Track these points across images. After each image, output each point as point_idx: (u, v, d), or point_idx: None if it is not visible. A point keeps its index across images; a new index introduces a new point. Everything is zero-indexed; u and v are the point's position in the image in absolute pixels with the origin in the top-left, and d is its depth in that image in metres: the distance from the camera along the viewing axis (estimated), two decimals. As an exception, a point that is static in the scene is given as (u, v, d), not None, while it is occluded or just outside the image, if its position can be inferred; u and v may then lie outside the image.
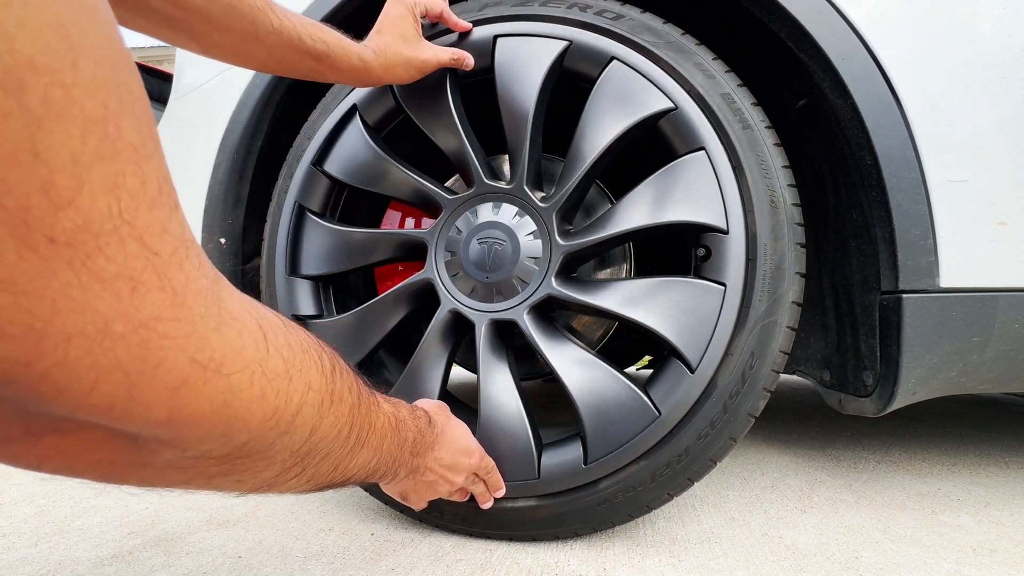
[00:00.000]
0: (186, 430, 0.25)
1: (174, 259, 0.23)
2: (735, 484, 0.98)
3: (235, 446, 0.28)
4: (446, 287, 0.74)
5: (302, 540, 0.73)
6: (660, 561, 0.66)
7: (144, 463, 0.27)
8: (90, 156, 0.19)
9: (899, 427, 1.49)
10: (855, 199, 0.75)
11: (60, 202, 0.19)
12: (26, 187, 0.18)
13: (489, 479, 0.67)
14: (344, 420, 0.38)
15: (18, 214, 0.18)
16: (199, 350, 0.25)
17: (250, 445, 0.29)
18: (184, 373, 0.24)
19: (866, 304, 0.76)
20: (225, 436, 0.27)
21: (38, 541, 0.74)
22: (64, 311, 0.20)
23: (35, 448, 0.24)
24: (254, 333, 0.29)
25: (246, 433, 0.28)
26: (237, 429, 0.28)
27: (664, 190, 0.68)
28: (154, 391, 0.23)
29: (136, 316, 0.22)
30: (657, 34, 0.70)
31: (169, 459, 0.27)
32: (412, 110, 0.79)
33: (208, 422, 0.26)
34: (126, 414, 0.23)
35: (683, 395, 0.64)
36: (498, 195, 0.74)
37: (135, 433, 0.25)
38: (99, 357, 0.21)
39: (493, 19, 0.76)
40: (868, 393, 0.76)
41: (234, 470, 0.31)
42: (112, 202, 0.20)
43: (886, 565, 0.66)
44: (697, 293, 0.65)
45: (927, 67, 0.67)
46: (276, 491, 0.37)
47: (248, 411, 0.28)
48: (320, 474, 0.38)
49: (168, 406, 0.24)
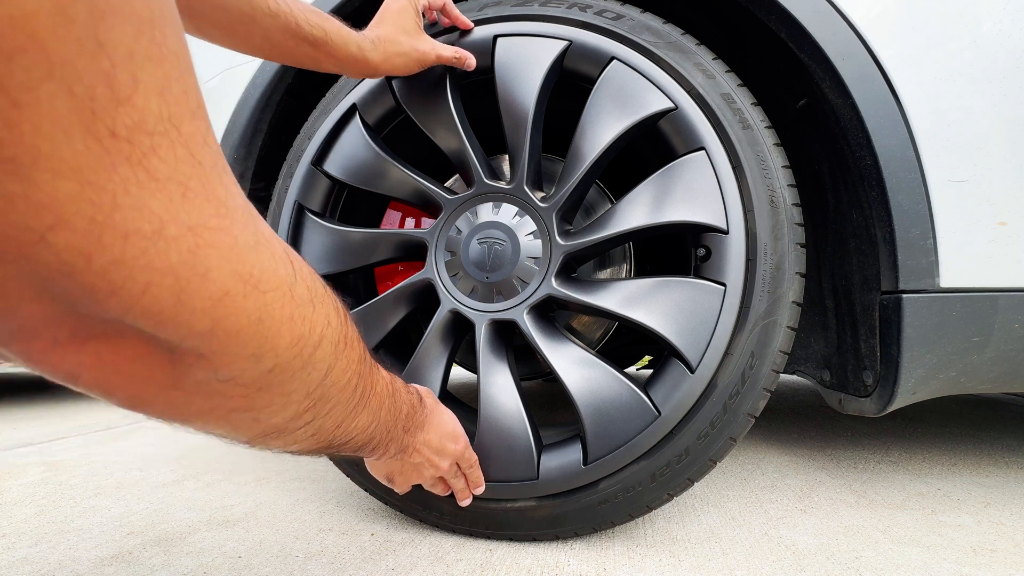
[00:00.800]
0: (224, 343, 0.26)
1: (214, 172, 0.24)
2: (735, 484, 0.98)
3: (262, 371, 0.29)
4: (446, 287, 0.74)
5: (302, 540, 0.73)
6: (660, 561, 0.66)
7: (175, 384, 0.27)
8: (142, 55, 0.20)
9: (899, 427, 1.49)
10: (855, 199, 0.75)
11: (120, 97, 0.19)
12: (93, 76, 0.18)
13: (470, 474, 0.67)
14: (353, 369, 0.38)
15: (86, 102, 0.19)
16: (240, 263, 0.26)
17: (274, 374, 0.30)
18: (227, 284, 0.25)
19: (866, 304, 0.76)
20: (255, 358, 0.28)
21: (38, 541, 0.74)
22: (123, 207, 0.21)
23: (78, 354, 0.24)
24: (283, 257, 0.30)
25: (274, 356, 0.29)
26: (267, 350, 0.29)
27: (664, 190, 0.68)
28: (200, 299, 0.24)
29: (186, 220, 0.23)
30: (657, 34, 0.70)
31: (200, 379, 0.28)
32: (412, 110, 0.79)
33: (244, 338, 0.27)
34: (173, 320, 0.24)
35: (683, 395, 0.64)
36: (498, 195, 0.74)
37: (175, 345, 0.25)
38: (153, 258, 0.22)
39: (493, 19, 0.76)
40: (868, 393, 0.76)
41: (254, 405, 0.31)
42: (162, 105, 0.21)
43: (886, 565, 0.66)
44: (697, 293, 0.65)
45: (927, 67, 0.67)
46: (283, 443, 0.37)
47: (278, 332, 0.29)
48: (325, 429, 0.39)
49: (212, 316, 0.25)
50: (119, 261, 0.21)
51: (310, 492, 0.94)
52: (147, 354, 0.26)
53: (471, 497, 0.68)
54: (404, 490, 0.66)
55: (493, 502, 0.70)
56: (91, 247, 0.20)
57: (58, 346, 0.24)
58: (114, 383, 0.26)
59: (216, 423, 0.32)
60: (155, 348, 0.26)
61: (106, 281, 0.21)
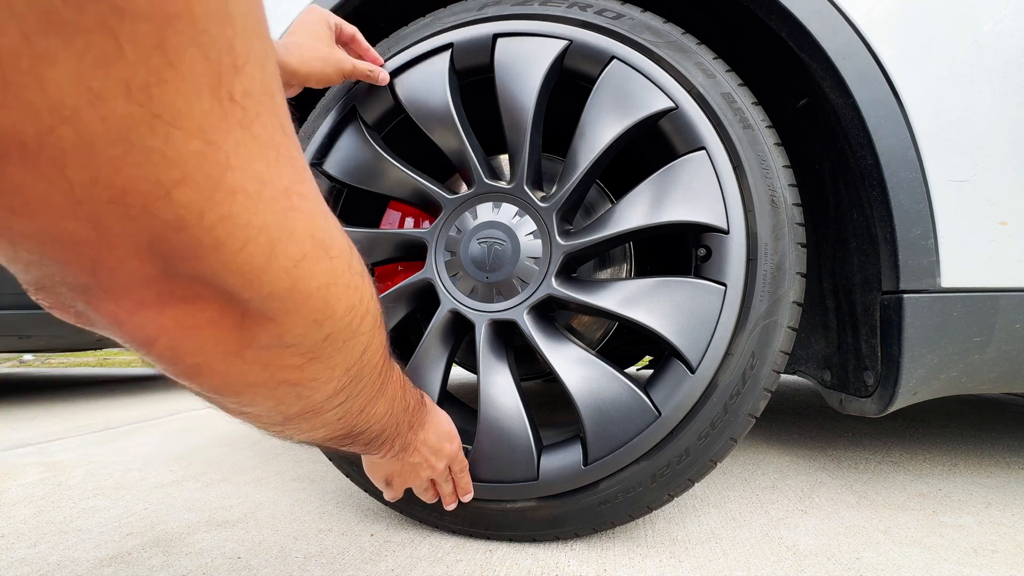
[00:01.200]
0: (297, 305, 0.28)
1: (295, 142, 0.27)
2: (736, 485, 0.98)
3: (319, 338, 0.31)
4: (446, 287, 0.74)
5: (302, 541, 0.73)
6: (660, 562, 0.66)
7: (240, 350, 0.28)
8: (251, 30, 0.22)
9: (900, 427, 1.48)
10: (856, 199, 0.75)
11: (237, 64, 0.21)
12: (221, 44, 0.20)
13: (460, 479, 0.67)
14: (382, 352, 0.40)
15: (215, 67, 0.20)
16: (316, 228, 0.28)
17: (327, 342, 0.31)
18: (306, 247, 0.27)
19: (867, 304, 0.76)
20: (317, 323, 0.30)
21: (37, 542, 0.74)
22: (234, 167, 0.22)
23: (159, 317, 0.25)
24: (341, 229, 0.32)
25: (331, 323, 0.31)
26: (327, 316, 0.30)
27: (664, 190, 0.68)
28: (285, 258, 0.26)
29: (280, 183, 0.25)
30: (658, 33, 0.70)
31: (264, 345, 0.29)
32: (412, 109, 0.79)
33: (313, 301, 0.29)
34: (260, 278, 0.25)
35: (684, 395, 0.64)
36: (498, 195, 0.74)
37: (251, 307, 0.27)
38: (253, 216, 0.24)
39: (492, 18, 0.76)
40: (869, 393, 0.76)
41: (303, 378, 0.32)
42: (263, 77, 0.23)
43: (887, 566, 0.65)
44: (697, 293, 0.65)
45: (928, 66, 0.67)
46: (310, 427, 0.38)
47: (338, 299, 0.30)
48: (351, 412, 0.40)
49: (292, 276, 0.27)
50: (226, 217, 0.23)
51: (310, 493, 0.94)
52: (221, 318, 0.27)
53: (456, 503, 0.68)
54: (397, 495, 0.66)
55: (493, 503, 0.70)
56: (205, 203, 0.22)
57: (143, 308, 0.25)
58: (185, 349, 0.27)
59: (264, 397, 0.32)
60: (229, 312, 0.27)
61: (212, 237, 0.23)
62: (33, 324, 2.13)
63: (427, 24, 0.80)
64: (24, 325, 2.11)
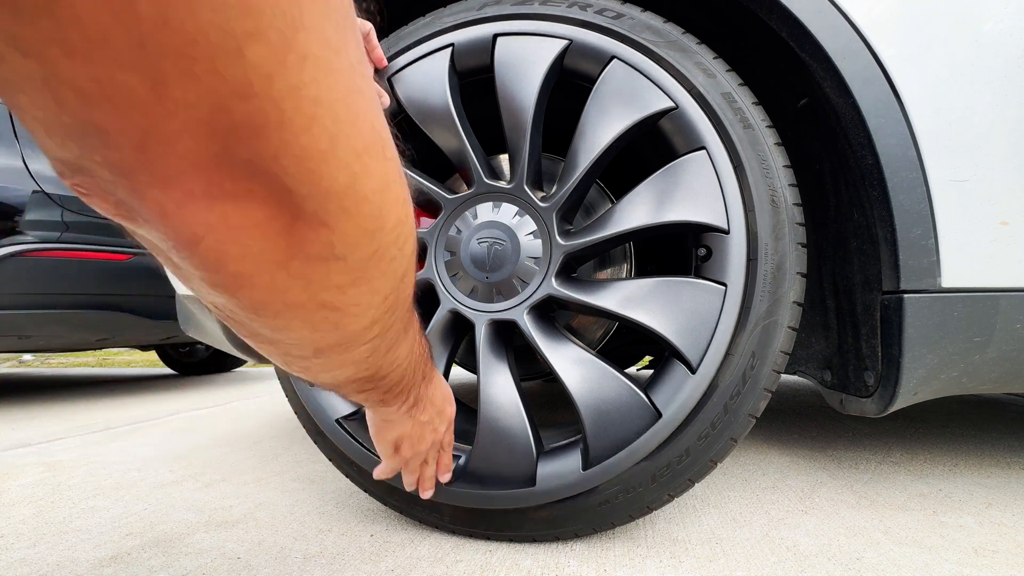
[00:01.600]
0: (354, 206, 0.26)
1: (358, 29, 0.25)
2: (736, 485, 0.98)
3: (368, 252, 0.29)
4: (446, 287, 0.74)
5: (301, 541, 0.73)
6: (661, 562, 0.66)
7: (286, 261, 0.27)
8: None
9: (900, 427, 1.48)
10: (856, 199, 0.75)
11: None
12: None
13: (443, 457, 0.66)
14: (410, 288, 0.37)
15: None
16: (376, 118, 0.26)
17: (375, 259, 0.30)
18: (368, 139, 0.25)
19: (867, 304, 0.76)
20: (369, 234, 0.28)
21: (36, 542, 0.74)
22: (306, 27, 0.20)
23: (207, 213, 0.23)
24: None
25: (382, 235, 0.29)
26: (379, 227, 0.28)
27: (665, 190, 0.67)
28: (347, 148, 0.24)
29: (347, 56, 0.23)
30: (658, 33, 0.70)
31: (312, 254, 0.27)
32: (412, 109, 0.79)
33: (369, 205, 0.27)
34: (320, 168, 0.23)
35: (684, 396, 0.64)
36: (498, 195, 0.74)
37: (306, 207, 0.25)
38: (323, 90, 0.21)
39: (492, 18, 0.76)
40: (869, 393, 0.76)
41: (345, 302, 0.31)
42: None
43: (888, 566, 0.65)
44: (698, 293, 0.65)
45: (929, 66, 0.67)
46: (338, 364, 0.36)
47: (390, 207, 0.28)
48: (379, 351, 0.38)
49: (352, 171, 0.25)
50: (295, 88, 0.20)
51: (309, 493, 0.94)
52: (271, 219, 0.25)
53: (433, 489, 0.67)
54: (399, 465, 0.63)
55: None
56: (275, 66, 0.19)
57: (191, 200, 0.22)
58: (230, 253, 0.25)
59: (301, 321, 0.31)
60: (281, 214, 0.25)
61: (278, 110, 0.21)
62: (33, 324, 2.13)
63: (427, 24, 0.80)
64: (24, 325, 2.11)
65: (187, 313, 1.23)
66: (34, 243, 2.07)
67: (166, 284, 1.94)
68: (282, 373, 0.83)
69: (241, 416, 1.86)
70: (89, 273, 2.19)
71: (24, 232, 2.08)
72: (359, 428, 0.76)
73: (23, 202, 2.09)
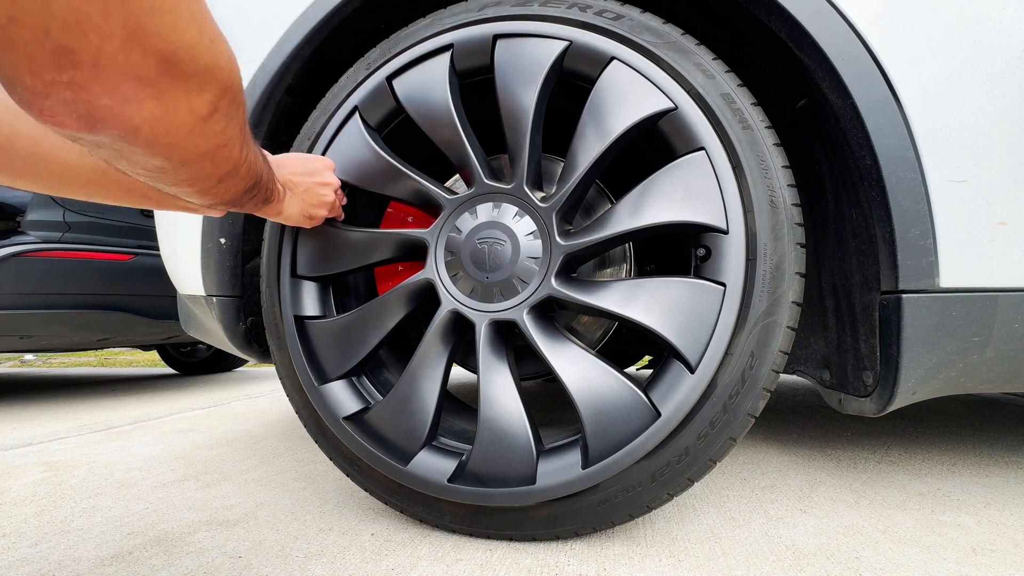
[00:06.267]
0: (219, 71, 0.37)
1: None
2: (735, 484, 0.98)
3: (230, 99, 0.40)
4: (446, 287, 0.74)
5: (302, 540, 0.73)
6: (660, 561, 0.66)
7: (192, 126, 0.38)
8: None
9: (899, 427, 1.49)
10: (855, 199, 0.75)
11: None
12: None
13: (339, 194, 0.78)
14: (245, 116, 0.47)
15: None
16: (207, 14, 0.34)
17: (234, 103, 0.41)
18: (211, 32, 0.35)
19: (866, 304, 0.76)
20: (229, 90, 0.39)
21: (38, 541, 0.74)
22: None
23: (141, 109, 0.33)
24: None
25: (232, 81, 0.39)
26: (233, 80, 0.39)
27: (664, 190, 0.68)
28: (207, 36, 0.34)
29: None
30: (657, 34, 0.70)
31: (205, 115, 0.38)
32: (412, 110, 0.79)
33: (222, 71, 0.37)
34: (199, 52, 0.34)
35: (683, 395, 0.64)
36: (498, 195, 0.74)
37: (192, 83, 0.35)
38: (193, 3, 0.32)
39: (493, 19, 0.76)
40: (868, 393, 0.76)
41: (227, 139, 0.43)
42: None
43: (886, 565, 0.66)
44: (697, 293, 0.65)
45: (927, 67, 0.67)
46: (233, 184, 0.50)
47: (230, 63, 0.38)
48: (250, 162, 0.51)
49: (212, 51, 0.35)
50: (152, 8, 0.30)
51: (310, 492, 0.94)
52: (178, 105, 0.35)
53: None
54: (321, 218, 0.75)
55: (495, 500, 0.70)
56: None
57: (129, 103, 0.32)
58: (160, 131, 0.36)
59: (208, 161, 0.43)
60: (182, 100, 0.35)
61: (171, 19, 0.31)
62: (35, 324, 2.13)
63: (427, 25, 0.80)
64: (26, 325, 2.12)
65: (188, 313, 1.23)
66: (36, 243, 2.08)
67: (167, 284, 1.94)
68: (284, 373, 0.83)
69: (242, 415, 1.86)
70: (91, 273, 2.20)
71: (26, 232, 2.08)
72: (361, 428, 0.77)
73: (25, 202, 2.10)
